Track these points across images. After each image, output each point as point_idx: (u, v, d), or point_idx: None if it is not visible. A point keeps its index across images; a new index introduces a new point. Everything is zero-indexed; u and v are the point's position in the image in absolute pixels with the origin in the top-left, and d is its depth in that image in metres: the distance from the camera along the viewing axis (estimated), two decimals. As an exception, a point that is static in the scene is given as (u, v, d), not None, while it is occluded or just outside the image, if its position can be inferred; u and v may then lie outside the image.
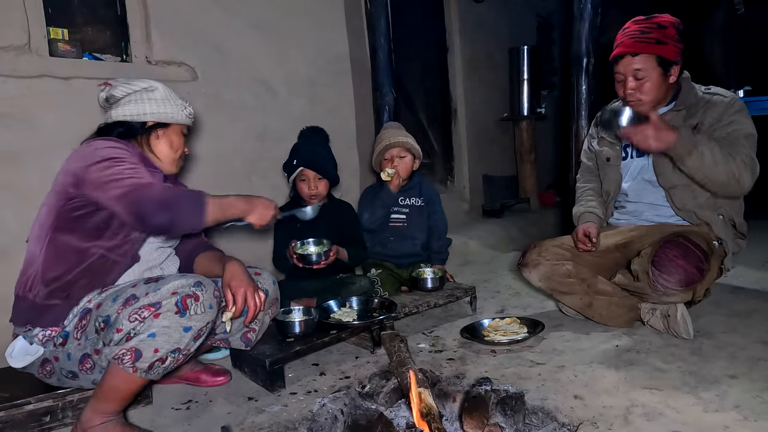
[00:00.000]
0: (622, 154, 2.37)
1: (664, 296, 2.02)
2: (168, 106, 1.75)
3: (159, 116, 1.73)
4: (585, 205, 2.46)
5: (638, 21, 2.16)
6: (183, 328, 1.48)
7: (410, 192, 2.90)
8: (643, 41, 2.08)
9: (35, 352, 1.59)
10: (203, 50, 2.94)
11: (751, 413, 1.50)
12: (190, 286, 1.50)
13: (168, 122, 1.76)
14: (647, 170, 2.28)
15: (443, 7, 4.95)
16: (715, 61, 4.99)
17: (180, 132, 1.81)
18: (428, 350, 2.16)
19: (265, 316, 1.95)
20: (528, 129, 5.34)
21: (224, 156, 3.04)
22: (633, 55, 2.10)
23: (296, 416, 1.65)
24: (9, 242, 2.36)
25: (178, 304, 1.46)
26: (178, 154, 1.81)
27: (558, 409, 1.59)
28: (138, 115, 1.72)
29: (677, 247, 2.01)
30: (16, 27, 2.37)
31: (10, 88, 2.36)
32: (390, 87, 3.73)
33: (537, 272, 2.33)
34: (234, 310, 1.66)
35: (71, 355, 1.56)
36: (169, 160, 1.79)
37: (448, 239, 2.97)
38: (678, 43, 2.10)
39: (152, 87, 1.75)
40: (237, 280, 1.69)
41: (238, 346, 1.94)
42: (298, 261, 2.41)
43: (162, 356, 1.47)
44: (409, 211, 2.87)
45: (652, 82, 2.11)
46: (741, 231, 2.28)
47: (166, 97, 1.76)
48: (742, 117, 2.12)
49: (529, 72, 5.24)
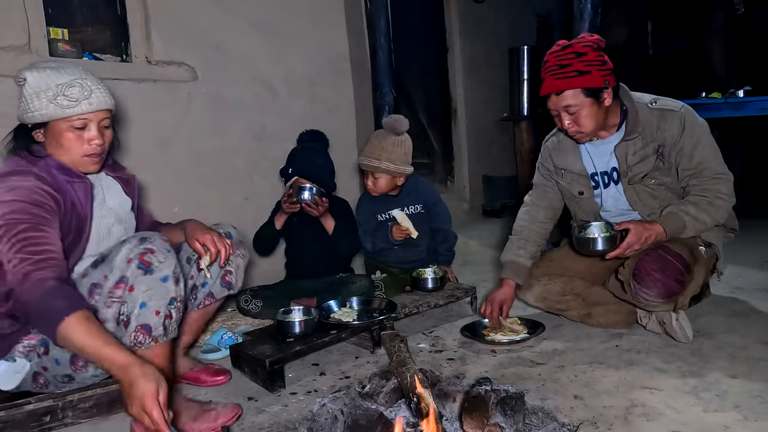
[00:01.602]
0: (592, 184, 2.27)
1: (648, 307, 2.02)
2: (35, 101, 1.48)
3: (30, 117, 1.50)
4: (514, 252, 2.35)
5: (555, 53, 2.03)
6: (161, 280, 1.46)
7: (406, 200, 2.77)
8: (563, 77, 1.97)
9: (22, 367, 1.53)
10: (203, 50, 2.94)
11: (751, 413, 1.50)
12: (137, 245, 1.46)
13: (41, 121, 1.51)
14: (621, 200, 2.21)
15: (443, 7, 4.96)
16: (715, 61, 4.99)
17: (68, 127, 1.51)
18: (428, 350, 2.16)
19: (237, 258, 1.92)
20: (528, 129, 5.33)
21: (224, 156, 3.05)
22: (558, 94, 1.99)
23: (296, 416, 1.65)
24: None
25: (140, 266, 1.44)
26: (74, 153, 1.53)
27: (558, 409, 1.59)
28: (19, 116, 1.53)
29: (656, 260, 1.97)
30: (16, 27, 2.37)
31: (10, 88, 2.36)
32: (390, 87, 3.73)
33: (531, 294, 2.33)
34: (208, 255, 1.71)
35: (59, 359, 1.51)
36: (72, 160, 1.54)
37: (454, 238, 2.89)
38: (602, 66, 1.98)
39: (23, 78, 1.50)
40: (199, 232, 1.73)
41: (222, 294, 1.92)
42: (289, 202, 2.55)
43: (166, 313, 1.48)
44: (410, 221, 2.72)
45: (586, 112, 2.01)
46: (730, 227, 2.27)
47: (35, 89, 1.48)
48: (697, 129, 2.05)
49: (529, 72, 5.23)
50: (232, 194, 3.12)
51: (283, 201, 2.62)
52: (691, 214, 2.00)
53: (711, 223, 2.04)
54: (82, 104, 1.50)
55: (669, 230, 1.99)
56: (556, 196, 2.42)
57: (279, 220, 2.70)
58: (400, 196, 2.77)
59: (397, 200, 2.77)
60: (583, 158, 2.25)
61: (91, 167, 1.58)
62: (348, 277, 2.77)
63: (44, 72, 1.49)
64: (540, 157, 2.45)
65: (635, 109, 2.09)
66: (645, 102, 2.12)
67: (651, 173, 2.11)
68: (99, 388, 1.66)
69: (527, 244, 2.37)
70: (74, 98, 1.48)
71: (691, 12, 5.39)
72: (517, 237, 2.40)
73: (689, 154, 2.05)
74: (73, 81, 1.49)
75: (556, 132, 2.35)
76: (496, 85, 5.38)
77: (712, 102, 4.06)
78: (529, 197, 2.50)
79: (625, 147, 2.11)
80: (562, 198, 2.42)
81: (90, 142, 1.54)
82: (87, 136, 1.53)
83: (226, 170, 3.06)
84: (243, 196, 3.15)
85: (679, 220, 2.00)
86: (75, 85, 1.49)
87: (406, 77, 4.55)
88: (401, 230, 2.67)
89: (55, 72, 1.50)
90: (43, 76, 1.49)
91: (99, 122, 1.55)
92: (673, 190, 2.15)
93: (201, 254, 1.73)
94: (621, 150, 2.13)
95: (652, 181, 2.12)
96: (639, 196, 2.16)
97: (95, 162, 1.58)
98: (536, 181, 2.48)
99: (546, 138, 2.43)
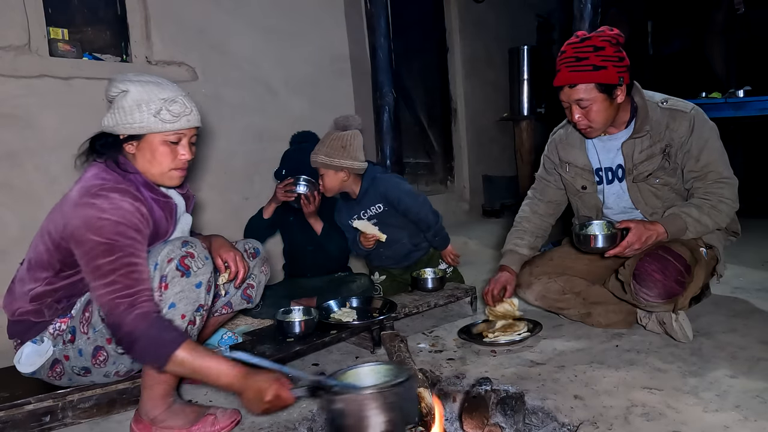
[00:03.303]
0: (596, 179, 2.26)
1: (647, 307, 2.02)
2: (135, 113, 1.50)
3: (126, 128, 1.52)
4: (512, 241, 2.40)
5: (573, 44, 2.01)
6: (195, 285, 1.51)
7: (365, 201, 2.63)
8: (579, 70, 1.95)
9: (46, 350, 1.57)
10: (203, 50, 2.95)
11: (751, 413, 1.50)
12: (180, 248, 1.50)
13: (139, 133, 1.53)
14: (623, 198, 2.21)
15: (443, 7, 4.96)
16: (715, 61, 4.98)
17: (163, 141, 1.54)
18: (428, 350, 2.16)
19: (260, 274, 1.95)
20: (528, 129, 5.33)
21: (225, 156, 3.05)
22: (571, 87, 1.98)
23: (296, 416, 1.65)
24: (8, 242, 2.36)
25: (179, 267, 1.48)
26: (164, 167, 1.57)
27: (558, 409, 1.59)
28: (112, 126, 1.54)
29: (656, 261, 1.96)
30: (16, 27, 2.37)
31: (10, 88, 2.36)
32: (390, 87, 3.73)
33: (531, 292, 2.33)
34: (228, 273, 1.74)
35: (83, 350, 1.55)
36: (156, 174, 1.58)
37: (435, 220, 2.68)
38: (618, 63, 1.97)
39: (124, 90, 1.52)
40: (224, 248, 1.76)
41: (241, 306, 1.95)
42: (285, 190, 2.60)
43: (191, 318, 1.51)
44: (377, 220, 2.63)
45: (598, 107, 2.00)
46: (732, 230, 2.27)
47: (136, 100, 1.51)
48: (705, 132, 2.05)
49: (529, 72, 5.22)
50: (232, 195, 3.12)
51: (279, 187, 2.62)
52: (693, 216, 2.00)
53: (713, 226, 2.04)
54: (182, 120, 1.55)
55: (670, 231, 1.98)
56: (558, 191, 2.43)
57: (267, 210, 2.71)
58: (358, 198, 2.63)
59: (357, 203, 2.64)
60: (589, 153, 2.25)
61: (176, 181, 1.62)
62: (347, 276, 2.77)
63: (147, 85, 1.53)
64: (546, 150, 2.45)
65: (645, 107, 2.08)
66: (656, 101, 2.11)
67: (656, 172, 2.11)
68: (99, 388, 1.66)
69: (525, 235, 2.39)
70: (176, 114, 1.53)
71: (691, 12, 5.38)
72: (516, 228, 2.43)
73: (696, 156, 2.05)
74: (176, 97, 1.55)
75: (565, 125, 2.35)
76: (496, 85, 5.38)
77: (712, 102, 4.05)
78: (531, 191, 2.51)
79: (633, 144, 2.11)
80: (564, 193, 2.42)
81: (180, 156, 1.58)
82: (179, 150, 1.58)
83: (226, 170, 3.06)
84: (243, 196, 3.15)
85: (680, 222, 1.99)
86: (178, 101, 1.54)
87: (406, 77, 4.55)
88: (368, 238, 2.59)
89: (158, 87, 1.54)
90: (147, 89, 1.52)
91: (190, 138, 1.61)
92: (677, 191, 2.14)
93: (221, 270, 1.74)
94: (628, 147, 2.12)
95: (656, 181, 2.12)
96: (642, 194, 2.16)
97: (181, 176, 1.62)
98: (540, 175, 2.49)
99: (554, 130, 2.43)
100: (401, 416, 1.20)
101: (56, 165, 2.48)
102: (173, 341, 1.35)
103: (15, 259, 2.36)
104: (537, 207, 2.44)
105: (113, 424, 1.66)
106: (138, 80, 1.54)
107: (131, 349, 1.39)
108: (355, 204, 2.65)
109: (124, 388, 1.69)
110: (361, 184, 2.60)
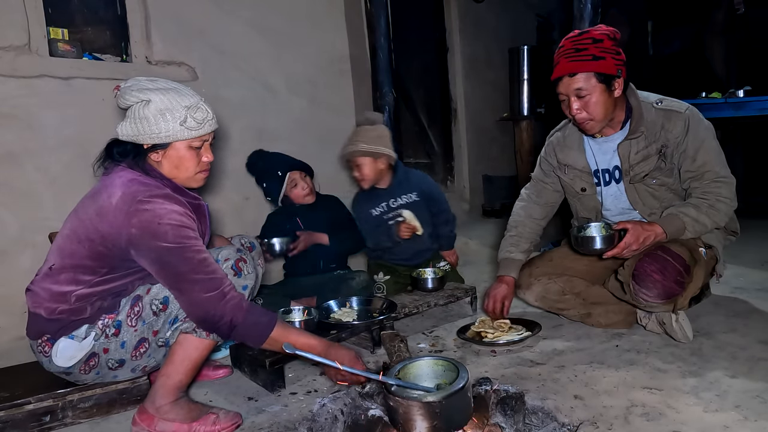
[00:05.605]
0: (594, 180, 2.26)
1: (647, 308, 2.02)
2: (161, 123, 1.53)
3: (152, 137, 1.55)
4: (507, 249, 2.39)
5: (571, 38, 2.02)
6: (242, 287, 1.63)
7: (398, 190, 2.73)
8: (578, 59, 1.96)
9: (88, 345, 1.58)
10: (203, 50, 2.95)
11: (751, 413, 1.50)
12: (235, 252, 1.66)
13: (165, 142, 1.57)
14: (621, 199, 2.21)
15: (443, 7, 4.96)
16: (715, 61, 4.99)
17: (187, 146, 1.59)
18: (428, 350, 2.16)
19: (258, 268, 1.94)
20: (528, 129, 5.33)
21: (225, 156, 3.05)
22: (571, 76, 1.98)
23: (296, 416, 1.65)
24: (8, 242, 2.36)
25: (233, 267, 1.62)
26: (190, 171, 1.62)
27: (558, 409, 1.59)
28: (133, 136, 1.56)
29: (656, 261, 1.96)
30: (16, 27, 2.37)
31: (10, 88, 2.36)
32: (390, 87, 3.73)
33: (531, 293, 2.33)
34: None
35: (126, 342, 1.59)
36: (183, 178, 1.64)
37: (454, 219, 2.88)
38: (616, 56, 1.98)
39: (145, 100, 1.53)
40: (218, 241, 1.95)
41: None
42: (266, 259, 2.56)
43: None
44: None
45: (597, 98, 1.99)
46: (732, 229, 2.27)
47: (160, 110, 1.53)
48: (701, 132, 2.05)
49: (529, 72, 5.23)
50: (233, 194, 3.12)
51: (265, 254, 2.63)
52: (692, 216, 2.00)
53: (711, 225, 2.04)
54: (205, 126, 1.60)
55: (669, 231, 1.98)
56: (555, 194, 2.42)
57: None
58: (390, 187, 2.72)
59: (387, 192, 2.72)
60: (587, 155, 2.25)
61: (201, 183, 1.69)
62: (346, 273, 2.78)
63: (168, 93, 1.55)
64: (543, 152, 2.44)
65: (640, 107, 2.09)
66: (651, 101, 2.11)
67: (652, 173, 2.11)
68: (99, 388, 1.66)
69: (520, 241, 2.39)
70: (200, 120, 1.58)
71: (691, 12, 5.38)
72: (511, 234, 2.43)
73: (692, 156, 2.05)
74: (198, 103, 1.59)
75: (562, 127, 2.35)
76: (496, 85, 5.38)
77: (712, 102, 4.05)
78: (526, 192, 2.50)
79: (628, 146, 2.11)
80: (559, 196, 2.42)
81: (204, 159, 1.65)
82: (202, 154, 1.64)
83: (226, 170, 3.06)
84: (243, 196, 3.15)
85: (678, 222, 1.99)
86: (200, 107, 1.59)
87: (406, 77, 4.55)
88: (409, 228, 2.65)
89: (179, 94, 1.57)
90: (169, 97, 1.54)
91: (210, 141, 1.67)
92: (674, 191, 2.14)
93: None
94: (624, 148, 2.12)
95: (653, 181, 2.12)
96: (640, 195, 2.16)
97: (205, 177, 1.69)
98: (535, 176, 2.48)
99: (551, 133, 2.43)
100: (450, 423, 1.24)
101: (56, 165, 2.48)
102: (269, 324, 1.56)
103: (15, 259, 2.37)
104: (532, 210, 2.44)
105: (113, 424, 1.67)
106: (157, 88, 1.55)
107: (230, 334, 1.54)
108: (383, 193, 2.72)
109: (124, 388, 1.70)
110: (395, 173, 2.71)
